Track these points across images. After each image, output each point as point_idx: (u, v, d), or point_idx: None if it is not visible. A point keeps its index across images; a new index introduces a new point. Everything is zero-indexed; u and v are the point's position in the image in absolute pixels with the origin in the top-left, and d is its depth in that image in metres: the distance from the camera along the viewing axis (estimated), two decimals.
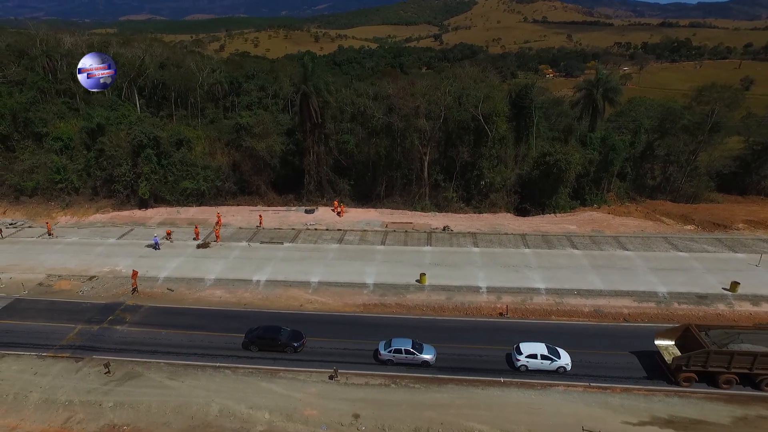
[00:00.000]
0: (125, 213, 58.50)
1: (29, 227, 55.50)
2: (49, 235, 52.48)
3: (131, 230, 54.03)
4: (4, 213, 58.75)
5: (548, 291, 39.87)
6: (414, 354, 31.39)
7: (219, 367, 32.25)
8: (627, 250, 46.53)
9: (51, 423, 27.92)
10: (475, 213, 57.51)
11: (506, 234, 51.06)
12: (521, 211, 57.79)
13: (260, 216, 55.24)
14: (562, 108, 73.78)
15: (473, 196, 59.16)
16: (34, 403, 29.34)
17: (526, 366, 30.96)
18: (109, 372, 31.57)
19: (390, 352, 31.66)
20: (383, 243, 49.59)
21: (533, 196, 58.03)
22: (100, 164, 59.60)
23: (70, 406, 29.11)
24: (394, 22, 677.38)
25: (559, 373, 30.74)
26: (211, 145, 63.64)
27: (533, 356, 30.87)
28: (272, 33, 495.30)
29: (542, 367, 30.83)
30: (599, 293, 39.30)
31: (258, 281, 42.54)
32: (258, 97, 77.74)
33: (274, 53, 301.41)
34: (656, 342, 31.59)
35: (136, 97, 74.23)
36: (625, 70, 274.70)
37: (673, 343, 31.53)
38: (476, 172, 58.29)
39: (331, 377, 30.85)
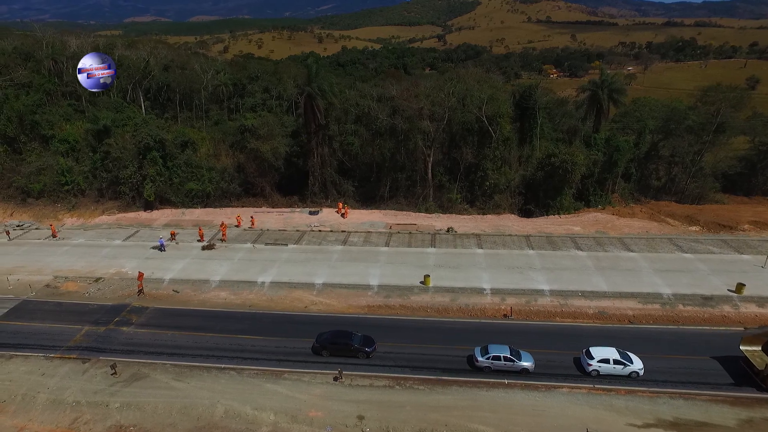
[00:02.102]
0: (131, 215, 58.86)
1: (36, 229, 55.93)
2: (54, 237, 52.87)
3: (137, 232, 54.37)
4: (11, 215, 59.22)
5: (552, 293, 39.85)
6: (513, 361, 30.69)
7: (224, 368, 32.42)
8: (631, 251, 46.44)
9: (59, 424, 28.16)
10: (479, 214, 57.54)
11: (510, 235, 51.07)
12: (525, 213, 57.78)
13: (252, 217, 55.32)
14: (566, 109, 73.81)
15: (477, 198, 59.19)
16: (42, 404, 29.60)
17: (597, 371, 30.22)
18: (115, 373, 31.81)
19: (488, 359, 30.94)
20: (387, 244, 49.71)
21: (537, 198, 58.04)
22: (105, 166, 60.03)
23: (77, 406, 29.35)
24: (397, 23, 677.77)
25: (632, 378, 30.06)
26: (215, 146, 63.99)
27: (605, 361, 30.16)
28: (276, 34, 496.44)
29: (614, 372, 30.11)
30: (603, 295, 39.25)
31: (263, 283, 42.74)
32: (262, 99, 78.05)
33: (278, 54, 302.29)
34: (742, 347, 30.35)
35: (141, 99, 74.71)
36: (629, 70, 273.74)
37: (760, 348, 29.98)
38: (480, 173, 58.34)
39: (335, 378, 30.97)
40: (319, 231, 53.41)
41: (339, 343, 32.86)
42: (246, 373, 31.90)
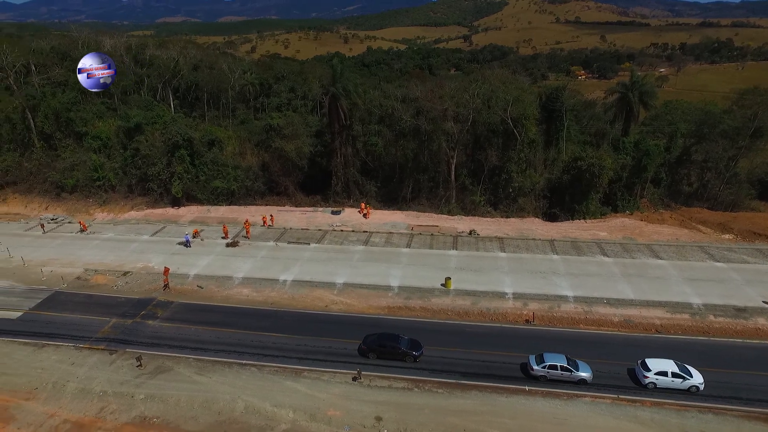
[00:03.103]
0: (158, 211, 60.26)
1: (69, 223, 57.80)
2: (83, 231, 54.53)
3: (164, 228, 55.62)
4: (46, 209, 61.38)
5: (576, 299, 39.07)
6: (571, 371, 29.91)
7: (245, 364, 32.85)
8: (660, 258, 45.14)
9: (86, 412, 29.03)
10: (502, 217, 56.85)
11: (534, 239, 50.31)
12: (550, 217, 56.81)
13: (271, 216, 55.95)
14: (594, 111, 72.20)
15: (501, 200, 58.48)
16: (71, 393, 30.56)
17: (654, 384, 29.20)
18: (141, 365, 32.63)
19: (544, 367, 30.21)
20: (409, 246, 49.58)
21: (563, 201, 56.97)
22: (135, 163, 61.62)
23: (104, 396, 30.21)
24: (423, 24, 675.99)
25: (692, 393, 28.99)
26: (241, 145, 64.96)
27: (663, 373, 29.15)
28: (302, 35, 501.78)
29: (673, 385, 29.02)
30: (630, 303, 38.27)
31: (285, 281, 43.17)
32: (287, 99, 78.84)
33: (304, 54, 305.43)
34: None
35: (171, 98, 76.37)
36: (661, 71, 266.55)
37: None
38: (504, 175, 57.62)
39: (354, 379, 31.04)
40: (341, 231, 53.65)
41: (386, 346, 32.61)
42: (266, 370, 32.27)
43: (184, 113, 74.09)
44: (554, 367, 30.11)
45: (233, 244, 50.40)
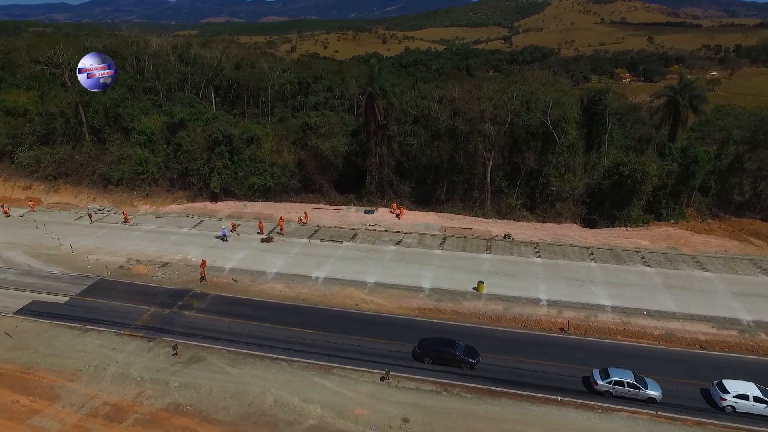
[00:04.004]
0: (198, 204, 62.07)
1: (114, 213, 60.30)
2: (126, 222, 56.77)
3: (202, 221, 57.24)
4: (93, 200, 64.26)
5: (614, 309, 37.67)
6: (639, 388, 28.51)
7: (276, 358, 33.33)
8: (706, 271, 42.96)
9: (124, 396, 30.15)
10: (538, 222, 55.53)
11: (571, 246, 48.89)
12: (589, 223, 55.04)
13: (306, 213, 56.56)
14: (638, 115, 69.61)
15: (537, 205, 57.14)
16: (111, 377, 31.82)
17: (733, 407, 27.57)
18: (176, 354, 33.64)
19: (609, 383, 28.87)
20: (441, 248, 49.14)
21: (603, 208, 55.08)
22: (177, 158, 63.69)
23: (141, 382, 31.30)
24: (462, 24, 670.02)
25: None
26: (278, 143, 66.10)
27: (743, 397, 27.46)
28: (341, 35, 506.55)
29: (754, 410, 27.35)
30: (672, 316, 36.58)
31: (317, 278, 43.59)
32: (325, 98, 79.77)
33: (343, 55, 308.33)
34: None
35: (213, 96, 78.62)
36: (712, 75, 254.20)
37: None
38: (542, 179, 56.28)
39: (382, 378, 30.97)
40: (374, 230, 53.73)
41: (442, 351, 31.97)
42: (296, 365, 32.62)
43: (225, 111, 76.12)
44: (621, 383, 28.70)
45: (268, 240, 51.31)
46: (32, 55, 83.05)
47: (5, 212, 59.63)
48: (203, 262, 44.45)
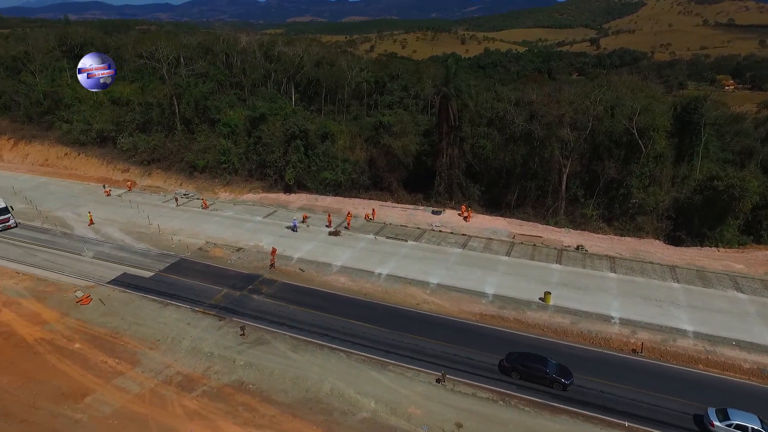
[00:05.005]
0: (272, 195, 65.01)
1: (197, 199, 64.73)
2: (204, 208, 60.62)
3: (275, 211, 59.86)
4: (180, 185, 69.41)
5: (697, 335, 34.59)
6: None
7: (335, 348, 34.15)
8: None
9: (195, 368, 32.33)
10: (616, 235, 52.19)
11: (651, 263, 45.51)
12: (673, 240, 50.85)
13: (373, 210, 57.35)
14: (741, 126, 63.41)
15: (616, 217, 53.71)
16: (185, 349, 34.25)
17: None
18: (243, 334, 35.53)
19: (729, 426, 26.26)
20: (508, 254, 47.75)
21: (691, 225, 50.59)
22: (256, 150, 67.08)
23: (210, 357, 33.39)
24: (547, 25, 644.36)
25: None
26: (352, 140, 67.54)
27: (742, 428, 25.88)
28: (420, 35, 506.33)
29: None
30: (766, 349, 32.92)
31: (380, 274, 44.06)
32: (400, 97, 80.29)
33: (420, 55, 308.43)
34: None
35: (293, 92, 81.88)
36: None
37: None
38: (623, 190, 52.82)
39: (438, 380, 30.72)
40: (440, 231, 53.33)
41: (532, 368, 30.43)
42: (354, 358, 33.22)
43: (303, 106, 78.97)
44: (743, 428, 26.01)
45: (335, 233, 52.63)
46: (137, 51, 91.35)
47: (107, 192, 66.07)
48: (273, 250, 46.52)
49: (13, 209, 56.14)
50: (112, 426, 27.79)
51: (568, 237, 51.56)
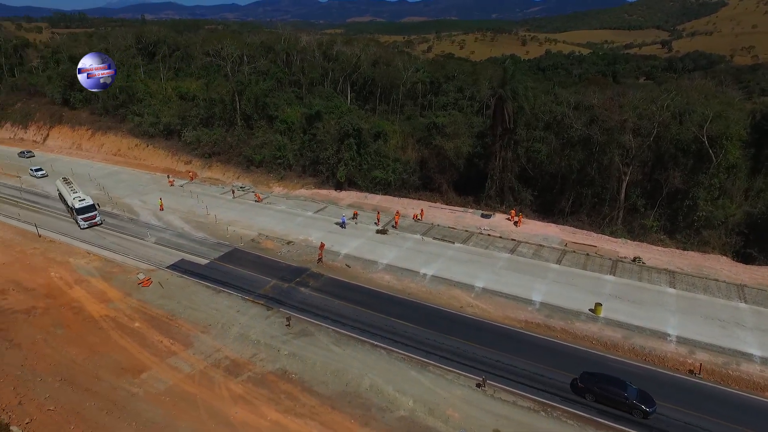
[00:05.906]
0: (323, 191, 66.46)
1: (253, 192, 67.32)
2: (257, 202, 62.84)
3: (325, 207, 61.15)
4: (237, 178, 72.45)
5: (765, 361, 32.03)
6: None
7: (377, 345, 34.49)
8: None
9: (242, 354, 33.73)
10: (677, 249, 49.18)
11: (716, 280, 42.54)
12: (744, 257, 47.23)
13: (422, 210, 57.33)
14: None
15: (679, 229, 50.62)
16: (234, 335, 35.80)
17: None
18: (289, 325, 36.65)
19: None
20: (559, 262, 46.23)
21: (764, 242, 46.84)
22: (311, 147, 68.85)
23: (257, 345, 34.70)
24: (614, 27, 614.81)
25: None
26: (404, 140, 67.78)
27: None
28: (479, 36, 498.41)
29: None
30: None
31: (425, 274, 43.99)
32: (455, 98, 79.57)
33: (478, 56, 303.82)
34: None
35: (349, 91, 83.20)
36: None
37: None
38: (688, 202, 49.72)
39: (478, 385, 30.32)
40: (488, 235, 52.46)
41: (610, 391, 28.59)
42: (394, 356, 33.41)
43: (358, 105, 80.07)
44: None
45: (382, 232, 53.05)
46: (204, 49, 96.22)
47: (170, 182, 70.09)
48: (322, 245, 47.58)
49: (99, 206, 57.40)
50: (164, 402, 29.54)
51: (625, 248, 49.19)
